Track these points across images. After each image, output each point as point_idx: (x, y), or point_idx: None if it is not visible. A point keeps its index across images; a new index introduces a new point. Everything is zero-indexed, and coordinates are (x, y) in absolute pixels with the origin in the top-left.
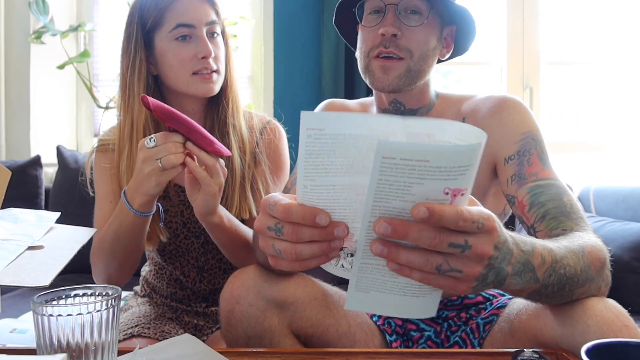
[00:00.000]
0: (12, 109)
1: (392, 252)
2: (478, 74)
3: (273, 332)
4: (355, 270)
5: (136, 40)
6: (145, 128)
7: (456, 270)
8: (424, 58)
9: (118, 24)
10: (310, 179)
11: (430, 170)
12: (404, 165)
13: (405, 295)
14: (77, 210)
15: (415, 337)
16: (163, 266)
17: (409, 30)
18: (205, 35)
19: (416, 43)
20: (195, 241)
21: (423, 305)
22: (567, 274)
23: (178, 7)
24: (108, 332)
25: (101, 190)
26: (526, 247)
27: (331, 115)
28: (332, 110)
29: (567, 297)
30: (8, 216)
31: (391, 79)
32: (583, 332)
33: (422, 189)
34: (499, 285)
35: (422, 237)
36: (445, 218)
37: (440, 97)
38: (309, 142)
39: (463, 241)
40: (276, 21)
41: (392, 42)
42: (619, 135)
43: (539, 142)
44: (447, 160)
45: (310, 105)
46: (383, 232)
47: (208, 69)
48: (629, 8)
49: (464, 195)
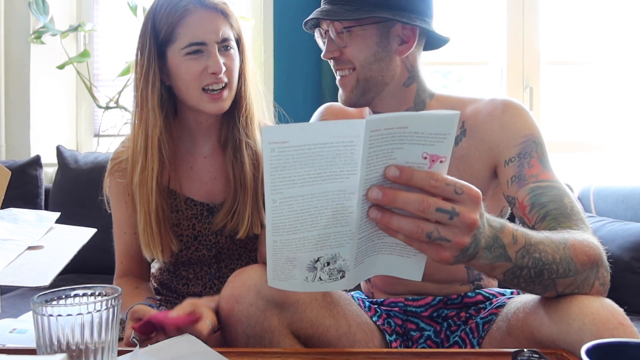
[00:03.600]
0: (12, 109)
1: (386, 217)
2: (478, 74)
3: (273, 332)
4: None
5: (149, 52)
6: (160, 141)
7: (445, 239)
8: (368, 65)
9: (118, 23)
10: (279, 192)
11: (409, 135)
12: (387, 134)
13: (392, 254)
14: (77, 210)
15: (415, 337)
16: (174, 271)
17: (344, 48)
18: (217, 52)
19: (353, 55)
20: (206, 253)
21: (409, 266)
22: (542, 259)
23: (190, 23)
24: (108, 332)
25: (117, 217)
26: (495, 223)
27: (294, 127)
28: (331, 114)
29: (550, 287)
30: (8, 216)
31: (347, 93)
32: (579, 330)
33: (403, 153)
34: (472, 258)
35: (410, 201)
36: (415, 177)
37: (436, 99)
38: (273, 155)
39: (450, 207)
40: (276, 21)
41: (336, 62)
42: (619, 135)
43: (540, 145)
44: (424, 126)
45: (310, 105)
46: (375, 198)
47: (219, 83)
48: (629, 8)
49: (442, 163)
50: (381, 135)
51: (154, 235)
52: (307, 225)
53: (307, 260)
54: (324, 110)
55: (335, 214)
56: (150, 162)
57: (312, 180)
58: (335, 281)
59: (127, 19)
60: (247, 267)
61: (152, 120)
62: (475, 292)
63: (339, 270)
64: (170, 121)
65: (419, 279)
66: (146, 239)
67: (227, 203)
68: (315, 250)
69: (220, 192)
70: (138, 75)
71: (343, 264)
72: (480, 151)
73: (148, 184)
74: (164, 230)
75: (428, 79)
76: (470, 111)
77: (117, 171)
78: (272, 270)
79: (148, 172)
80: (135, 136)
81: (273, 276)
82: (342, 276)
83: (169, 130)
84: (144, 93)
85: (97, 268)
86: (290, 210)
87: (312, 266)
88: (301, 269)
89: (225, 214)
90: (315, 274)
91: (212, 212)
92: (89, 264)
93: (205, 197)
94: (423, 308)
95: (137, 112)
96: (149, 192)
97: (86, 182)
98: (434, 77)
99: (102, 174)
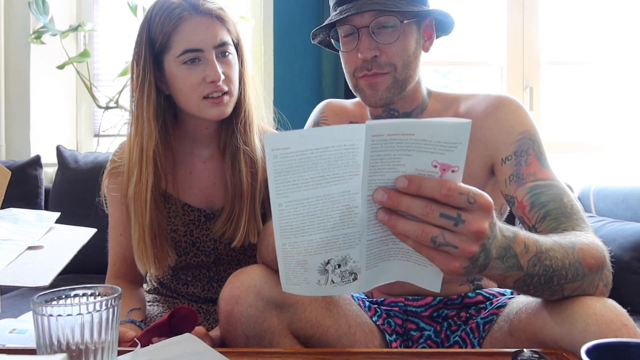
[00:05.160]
0: (12, 109)
1: (392, 220)
2: (478, 74)
3: (273, 332)
4: (364, 254)
5: (145, 62)
6: (156, 152)
7: (452, 245)
8: (408, 65)
9: (118, 24)
10: (284, 196)
11: (416, 142)
12: (392, 140)
13: (408, 260)
14: (77, 210)
15: (415, 336)
16: (173, 274)
17: (386, 47)
18: (214, 59)
19: (396, 56)
20: (205, 259)
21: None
22: (553, 266)
23: (185, 30)
24: (108, 332)
25: (113, 217)
26: (508, 233)
27: (294, 133)
28: (331, 110)
29: (558, 292)
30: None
31: (380, 93)
32: (582, 331)
33: (411, 160)
34: (483, 269)
35: (414, 205)
36: (424, 186)
37: (433, 96)
38: (276, 162)
39: (455, 213)
40: (276, 21)
41: (373, 63)
42: (619, 135)
43: (537, 142)
44: (430, 134)
45: (311, 105)
46: (380, 200)
47: (219, 92)
48: (629, 8)
49: (455, 172)
50: (385, 140)
51: (147, 249)
52: (314, 227)
53: (317, 263)
54: (324, 107)
55: (342, 215)
56: (144, 174)
57: (316, 184)
58: (347, 283)
59: (127, 19)
60: (247, 267)
61: (147, 132)
62: (476, 292)
63: (350, 272)
64: (168, 130)
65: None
66: (140, 253)
67: (226, 210)
68: (324, 253)
69: (218, 198)
70: (134, 86)
71: (354, 265)
72: (476, 149)
73: (142, 196)
74: (158, 245)
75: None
76: (465, 108)
77: (115, 175)
78: (284, 275)
79: (142, 185)
80: (131, 147)
81: (286, 280)
82: (354, 278)
83: (166, 140)
84: (140, 104)
85: (97, 268)
86: (297, 214)
87: (324, 269)
88: (312, 272)
89: (224, 221)
90: (327, 276)
91: (209, 219)
92: (89, 264)
93: (203, 203)
94: (423, 308)
95: (132, 122)
96: (142, 204)
97: (86, 182)
98: (434, 77)
99: (102, 174)
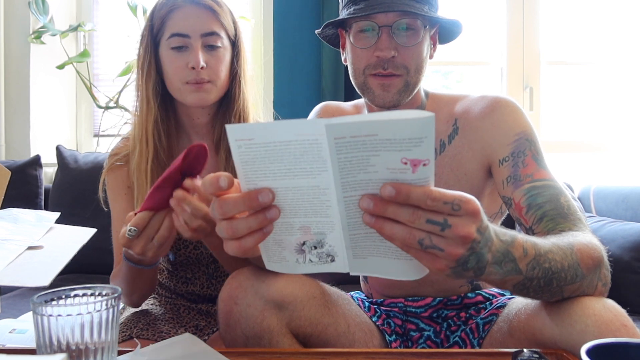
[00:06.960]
0: (12, 109)
1: (379, 223)
2: (478, 74)
3: (272, 332)
4: (348, 243)
5: (146, 44)
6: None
7: (438, 248)
8: (419, 70)
9: (118, 24)
10: (253, 184)
11: (381, 142)
12: (355, 141)
13: (399, 258)
14: (77, 210)
15: (414, 337)
16: (172, 271)
17: (404, 49)
18: (199, 46)
19: (412, 60)
20: (204, 251)
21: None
22: (552, 268)
23: (176, 16)
24: (108, 332)
25: (115, 210)
26: (505, 237)
27: (257, 125)
28: (327, 113)
29: (557, 294)
30: (8, 216)
31: (391, 95)
32: (582, 332)
33: (380, 160)
34: (480, 274)
35: (401, 212)
36: (412, 196)
37: (431, 97)
38: (241, 152)
39: (441, 219)
40: (276, 21)
41: (389, 62)
42: (619, 135)
43: (533, 143)
44: (393, 133)
45: (310, 105)
46: (366, 208)
47: (198, 80)
48: (629, 8)
49: (426, 166)
50: (348, 142)
51: None
52: (286, 212)
53: (293, 244)
54: (320, 109)
55: (313, 206)
56: (145, 148)
57: (284, 175)
58: (325, 264)
59: (127, 19)
60: (244, 267)
61: (146, 108)
62: (475, 293)
63: (327, 254)
64: (168, 112)
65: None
66: None
67: None
68: (299, 235)
69: None
70: (138, 67)
71: (330, 249)
72: (474, 150)
73: (142, 166)
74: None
75: None
76: (462, 108)
77: (114, 169)
78: (265, 254)
79: (143, 157)
80: (135, 125)
81: (267, 258)
82: (332, 260)
83: (166, 119)
84: (140, 82)
85: (97, 268)
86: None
87: (300, 249)
88: (290, 251)
89: None
90: (304, 256)
91: None
92: (89, 264)
93: None
94: (423, 308)
95: (137, 102)
96: (143, 175)
97: (86, 182)
98: (434, 77)
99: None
